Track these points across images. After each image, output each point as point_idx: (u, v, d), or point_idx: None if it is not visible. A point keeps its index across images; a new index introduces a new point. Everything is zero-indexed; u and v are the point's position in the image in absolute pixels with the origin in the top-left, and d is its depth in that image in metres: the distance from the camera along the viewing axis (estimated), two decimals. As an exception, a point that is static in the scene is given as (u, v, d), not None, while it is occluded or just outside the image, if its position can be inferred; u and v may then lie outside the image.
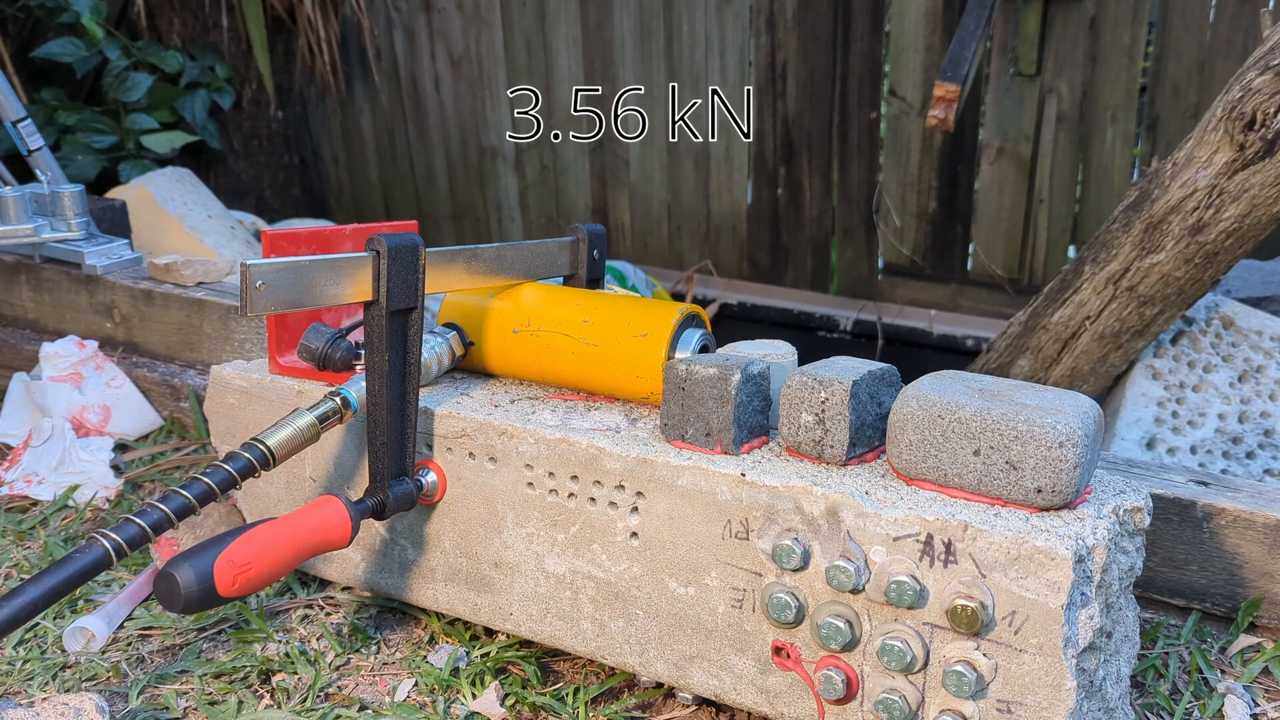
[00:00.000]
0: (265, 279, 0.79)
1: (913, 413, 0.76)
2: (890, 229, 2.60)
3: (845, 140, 2.60)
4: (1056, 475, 0.71)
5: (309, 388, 0.99)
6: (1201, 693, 0.92)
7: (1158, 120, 2.29)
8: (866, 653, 0.76)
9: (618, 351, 0.90)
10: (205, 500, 0.81)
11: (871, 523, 0.74)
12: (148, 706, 0.91)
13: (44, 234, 1.52)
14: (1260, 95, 1.17)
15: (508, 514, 0.90)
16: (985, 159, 2.46)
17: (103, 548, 0.77)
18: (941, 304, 2.61)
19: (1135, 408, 1.41)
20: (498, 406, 0.92)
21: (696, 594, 0.82)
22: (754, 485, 0.78)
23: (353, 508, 0.85)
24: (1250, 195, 1.21)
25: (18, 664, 0.97)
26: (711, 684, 0.83)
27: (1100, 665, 0.74)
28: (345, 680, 0.95)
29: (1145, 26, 2.24)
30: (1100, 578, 0.72)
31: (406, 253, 0.85)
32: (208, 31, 2.90)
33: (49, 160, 1.59)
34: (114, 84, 2.62)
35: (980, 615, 0.70)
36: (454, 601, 0.95)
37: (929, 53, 2.43)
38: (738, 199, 2.77)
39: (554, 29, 2.84)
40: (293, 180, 3.22)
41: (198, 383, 1.45)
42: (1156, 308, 1.34)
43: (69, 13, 2.52)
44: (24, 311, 1.62)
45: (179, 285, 1.49)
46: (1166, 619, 1.01)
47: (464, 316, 0.98)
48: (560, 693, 0.92)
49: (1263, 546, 0.95)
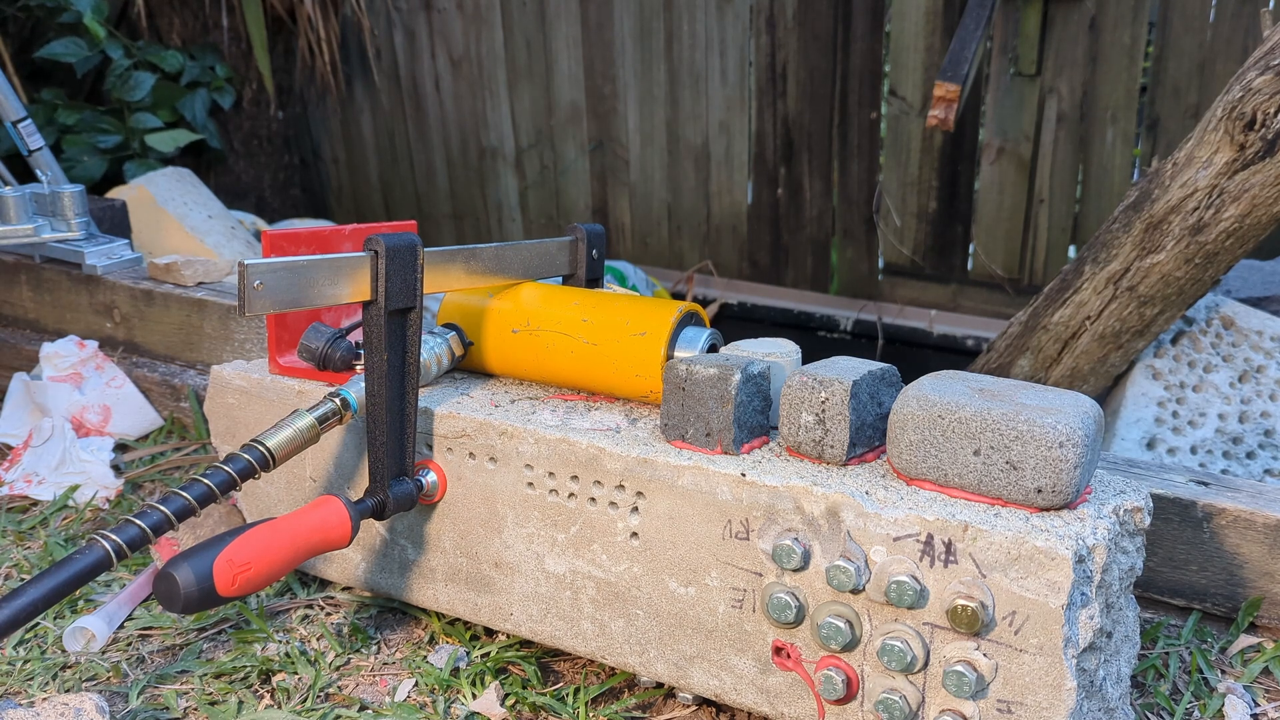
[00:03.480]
0: (263, 279, 0.79)
1: (913, 413, 0.76)
2: (890, 229, 2.60)
3: (845, 140, 2.60)
4: (1057, 475, 0.71)
5: (309, 388, 0.99)
6: (1201, 693, 0.92)
7: (1158, 120, 2.29)
8: (867, 653, 0.76)
9: (617, 351, 0.90)
10: (205, 501, 0.81)
11: (872, 523, 0.74)
12: (148, 706, 0.91)
13: (44, 234, 1.52)
14: (1260, 95, 1.17)
15: (508, 514, 0.90)
16: (985, 159, 2.46)
17: (103, 549, 0.77)
18: (942, 304, 2.61)
19: (1135, 408, 1.41)
20: (498, 406, 0.92)
21: (697, 594, 0.82)
22: (754, 485, 0.78)
23: (353, 508, 0.85)
24: (1250, 195, 1.21)
25: (18, 664, 0.97)
26: (712, 684, 0.83)
27: (1100, 665, 0.74)
28: (345, 680, 0.95)
29: (1145, 26, 2.24)
30: (1100, 578, 0.72)
31: (405, 253, 0.85)
32: (208, 31, 2.90)
33: (49, 160, 1.59)
34: (117, 83, 2.62)
35: (980, 615, 0.70)
36: (454, 601, 0.95)
37: (929, 53, 2.43)
38: (738, 199, 2.77)
39: (554, 29, 2.84)
40: (293, 180, 3.22)
41: (198, 383, 1.45)
42: (1157, 308, 1.34)
43: (70, 12, 2.52)
44: (24, 311, 1.62)
45: (179, 285, 1.49)
46: (1167, 619, 1.01)
47: (463, 316, 0.98)
48: (560, 693, 0.92)
49: (1263, 546, 0.94)
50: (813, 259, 2.74)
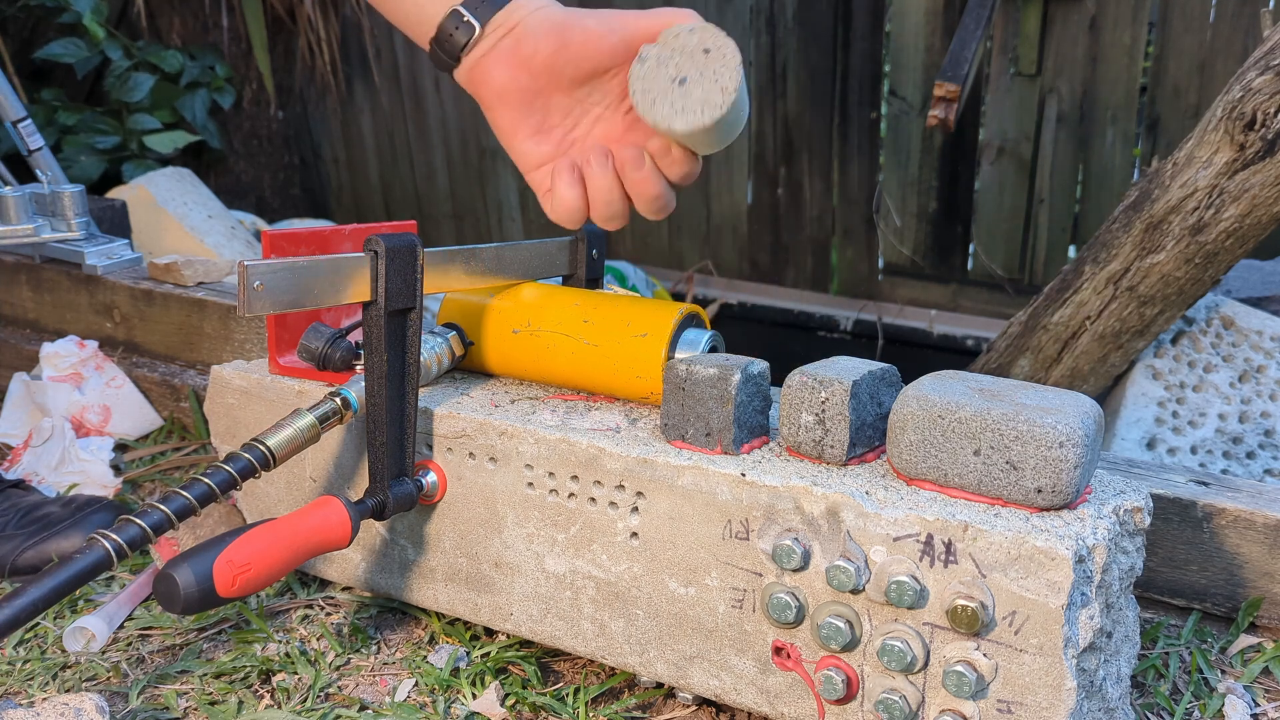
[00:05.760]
0: (263, 279, 0.79)
1: (913, 413, 0.76)
2: (890, 229, 2.60)
3: (845, 140, 2.60)
4: (1057, 475, 0.71)
5: (309, 388, 0.99)
6: (1201, 693, 0.92)
7: (1158, 120, 2.29)
8: (867, 653, 0.76)
9: (617, 351, 0.90)
10: (206, 501, 0.81)
11: (872, 523, 0.74)
12: (148, 706, 0.91)
13: (44, 234, 1.52)
14: (1260, 95, 1.17)
15: (508, 514, 0.90)
16: (985, 159, 2.46)
17: (103, 549, 0.77)
18: (942, 304, 2.61)
19: (1135, 408, 1.41)
20: (498, 406, 0.92)
21: (696, 594, 0.82)
22: (754, 485, 0.78)
23: (353, 508, 0.85)
24: (1250, 195, 1.21)
25: (18, 664, 0.97)
26: (712, 684, 0.83)
27: (1100, 665, 0.74)
28: (345, 680, 0.95)
29: (1145, 26, 2.24)
30: (1100, 578, 0.72)
31: (404, 253, 0.85)
32: (208, 31, 2.90)
33: (49, 160, 1.59)
34: (116, 85, 2.62)
35: (980, 615, 0.70)
36: (454, 601, 0.95)
37: (929, 53, 2.43)
38: (738, 199, 2.77)
39: (554, 29, 2.83)
40: (293, 180, 3.22)
41: (198, 383, 1.45)
42: (1157, 308, 1.34)
43: (70, 13, 2.52)
44: (24, 311, 1.62)
45: (179, 285, 1.49)
46: (1166, 619, 1.01)
47: (463, 316, 0.98)
48: (560, 693, 0.92)
49: (1263, 546, 0.95)
50: (813, 259, 2.74)
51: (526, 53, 0.83)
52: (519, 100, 0.85)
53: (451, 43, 0.85)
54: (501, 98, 0.85)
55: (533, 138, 0.87)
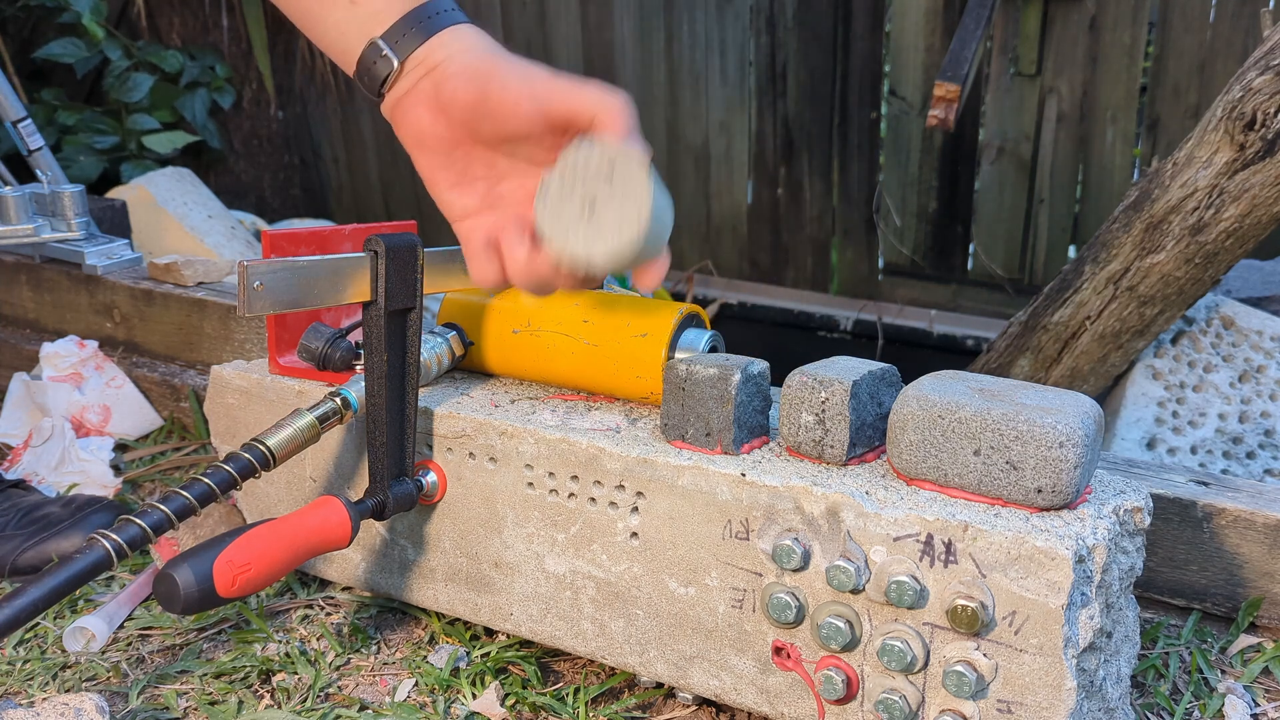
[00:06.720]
0: (263, 279, 0.79)
1: (913, 413, 0.76)
2: (890, 229, 2.60)
3: (845, 140, 2.60)
4: (1057, 475, 0.71)
5: (309, 388, 0.99)
6: (1202, 693, 0.92)
7: (1158, 120, 2.29)
8: (867, 653, 0.76)
9: (618, 351, 0.90)
10: (206, 501, 0.81)
11: (872, 523, 0.74)
12: (148, 706, 0.91)
13: (44, 234, 1.52)
14: (1260, 95, 1.17)
15: (508, 514, 0.90)
16: (985, 159, 2.46)
17: (103, 548, 0.77)
18: (942, 304, 2.61)
19: (1135, 408, 1.41)
20: (498, 406, 0.92)
21: (696, 594, 0.82)
22: (754, 485, 0.78)
23: (353, 508, 0.85)
24: (1250, 195, 1.21)
25: (18, 664, 0.97)
26: (712, 684, 0.83)
27: (1100, 665, 0.74)
28: (345, 680, 0.95)
29: (1145, 26, 2.24)
30: (1100, 578, 0.72)
31: (405, 253, 0.85)
32: (208, 31, 2.90)
33: (49, 160, 1.59)
34: (115, 85, 2.62)
35: (980, 615, 0.70)
36: (454, 601, 0.95)
37: (929, 53, 2.43)
38: (738, 199, 2.77)
39: (554, 29, 2.84)
40: (293, 180, 3.22)
41: (198, 383, 1.45)
42: (1157, 308, 1.34)
43: (69, 13, 2.52)
44: (24, 311, 1.62)
45: (179, 285, 1.49)
46: (1166, 619, 1.01)
47: (463, 316, 0.98)
48: (560, 693, 0.92)
49: (1263, 546, 0.94)
50: (813, 259, 2.74)
51: (445, 99, 0.78)
52: (439, 148, 0.80)
53: (372, 75, 0.80)
54: (421, 143, 0.80)
55: (454, 189, 0.81)
